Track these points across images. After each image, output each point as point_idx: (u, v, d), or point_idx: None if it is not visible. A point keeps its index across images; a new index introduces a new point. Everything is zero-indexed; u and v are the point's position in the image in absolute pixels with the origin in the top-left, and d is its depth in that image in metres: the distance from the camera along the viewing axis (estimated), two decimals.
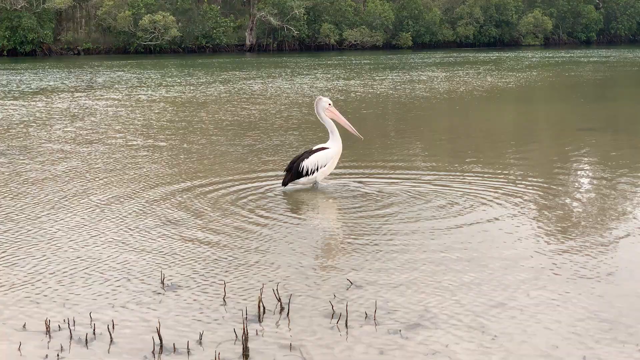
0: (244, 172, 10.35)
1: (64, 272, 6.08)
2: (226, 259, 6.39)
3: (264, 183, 9.55)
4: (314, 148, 9.28)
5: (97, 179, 9.98)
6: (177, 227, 7.43)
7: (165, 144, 13.38)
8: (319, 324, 4.98)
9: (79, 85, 29.88)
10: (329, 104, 9.22)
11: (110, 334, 4.80)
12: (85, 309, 5.25)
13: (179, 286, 5.71)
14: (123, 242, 6.94)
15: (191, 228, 7.40)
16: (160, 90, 27.19)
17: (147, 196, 8.89)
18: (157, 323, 4.89)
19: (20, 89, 28.16)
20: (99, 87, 29.11)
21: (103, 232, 7.29)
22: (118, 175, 10.24)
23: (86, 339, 4.75)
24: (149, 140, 13.91)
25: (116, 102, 22.53)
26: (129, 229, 7.42)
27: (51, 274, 6.05)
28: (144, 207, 8.32)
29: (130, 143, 13.56)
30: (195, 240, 6.98)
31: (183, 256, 6.48)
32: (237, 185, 9.43)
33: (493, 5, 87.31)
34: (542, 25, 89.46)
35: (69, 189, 9.34)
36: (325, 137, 9.80)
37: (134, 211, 8.15)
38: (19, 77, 35.06)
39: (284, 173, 9.23)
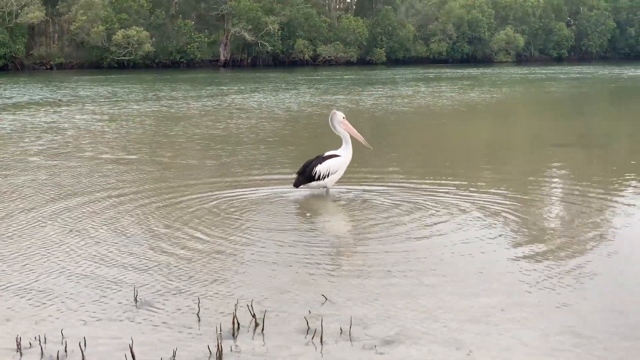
0: (217, 186, 10.28)
1: (35, 288, 6.00)
2: (200, 274, 6.33)
3: (238, 197, 9.51)
4: (326, 154, 9.72)
5: (67, 193, 9.88)
6: (150, 243, 7.36)
7: (137, 157, 13.29)
8: (293, 339, 4.94)
9: (56, 100, 29.68)
10: (343, 117, 9.83)
11: (82, 352, 4.73)
12: (57, 325, 5.18)
13: (152, 302, 5.65)
14: (95, 258, 6.85)
15: (164, 243, 7.33)
16: (137, 105, 27.06)
17: (119, 211, 8.80)
18: (129, 340, 4.83)
19: None
20: (76, 101, 28.92)
21: (74, 248, 7.20)
22: (89, 190, 10.14)
23: (57, 356, 4.68)
24: (121, 154, 13.81)
25: (91, 116, 22.38)
26: (101, 244, 7.33)
27: (22, 290, 5.97)
28: (116, 222, 8.23)
29: (101, 157, 13.46)
30: (168, 255, 6.91)
31: (156, 272, 6.41)
32: (210, 199, 9.37)
33: (466, 22, 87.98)
34: (514, 42, 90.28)
35: (38, 204, 9.23)
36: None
37: (106, 226, 8.06)
38: None
39: (296, 175, 9.68)
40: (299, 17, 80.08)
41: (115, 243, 7.38)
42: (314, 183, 9.57)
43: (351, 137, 9.90)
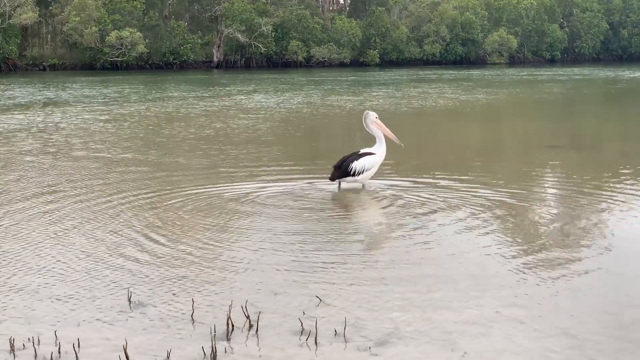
0: (210, 186, 10.26)
1: (29, 290, 5.98)
2: (193, 275, 6.32)
3: (231, 196, 9.49)
4: (362, 152, 10.13)
5: (60, 194, 9.85)
6: (143, 243, 7.34)
7: (131, 157, 13.26)
8: (288, 341, 4.94)
9: (50, 100, 29.63)
10: (376, 117, 10.25)
11: (76, 353, 4.72)
12: (51, 327, 5.17)
13: (146, 304, 5.64)
14: (89, 259, 6.83)
15: (157, 244, 7.32)
16: (134, 105, 27.03)
17: (110, 210, 8.78)
18: (123, 341, 4.82)
19: None
20: (70, 102, 28.88)
21: (68, 249, 7.18)
22: (83, 190, 10.11)
23: (51, 358, 4.66)
24: (116, 155, 13.77)
25: (86, 116, 22.34)
26: (94, 245, 7.31)
27: (15, 291, 5.95)
28: (107, 222, 8.21)
29: (95, 156, 13.43)
30: (162, 256, 6.90)
31: (150, 273, 6.40)
32: (203, 198, 9.36)
33: (459, 23, 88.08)
34: (508, 43, 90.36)
35: (32, 204, 9.21)
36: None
37: (97, 226, 8.04)
38: None
39: (332, 169, 10.08)
40: (292, 18, 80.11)
41: (107, 243, 7.36)
42: (349, 178, 9.95)
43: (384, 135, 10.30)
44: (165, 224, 8.15)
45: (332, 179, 10.01)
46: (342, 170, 9.93)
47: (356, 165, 9.90)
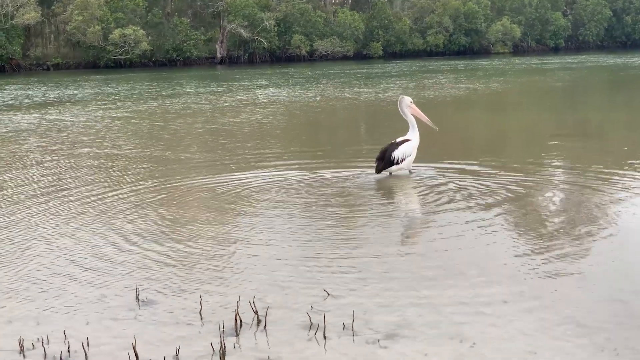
0: (216, 180, 10.26)
1: (37, 289, 5.99)
2: (201, 271, 6.33)
3: (236, 190, 9.49)
4: (398, 140, 10.45)
5: (66, 192, 9.85)
6: (150, 240, 7.35)
7: (135, 154, 13.27)
8: (296, 335, 4.94)
9: (69, 99, 29.68)
10: (410, 102, 10.51)
11: (86, 352, 4.73)
12: (60, 326, 5.18)
13: (154, 301, 5.64)
14: (96, 257, 6.84)
15: (164, 241, 7.32)
16: (143, 103, 27.05)
17: (118, 208, 8.78)
18: (132, 339, 4.83)
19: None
20: (90, 100, 28.91)
21: (75, 248, 7.19)
22: (88, 188, 10.10)
23: (61, 357, 4.68)
24: (119, 151, 13.78)
25: (93, 115, 22.36)
26: (101, 243, 7.32)
27: (23, 291, 5.97)
28: (114, 219, 8.21)
29: (100, 154, 13.43)
30: (169, 253, 6.90)
31: (157, 270, 6.40)
32: (208, 193, 9.36)
33: (462, 14, 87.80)
34: (511, 33, 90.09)
35: (37, 204, 9.21)
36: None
37: (104, 223, 8.04)
38: None
39: (375, 162, 10.39)
40: (294, 12, 79.98)
41: (114, 241, 7.36)
42: (393, 167, 10.28)
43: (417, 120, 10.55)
44: (171, 220, 8.15)
45: (378, 171, 10.30)
46: (385, 161, 10.27)
47: (397, 153, 10.25)
